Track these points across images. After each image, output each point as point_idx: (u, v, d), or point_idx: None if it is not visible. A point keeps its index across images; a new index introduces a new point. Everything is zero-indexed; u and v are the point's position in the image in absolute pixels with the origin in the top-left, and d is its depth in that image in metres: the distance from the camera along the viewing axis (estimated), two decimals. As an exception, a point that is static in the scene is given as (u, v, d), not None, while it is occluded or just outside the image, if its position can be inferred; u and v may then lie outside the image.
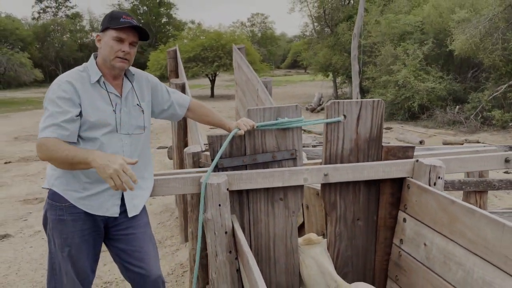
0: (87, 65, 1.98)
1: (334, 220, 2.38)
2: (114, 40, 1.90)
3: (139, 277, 2.07)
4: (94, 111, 1.89)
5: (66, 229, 1.92)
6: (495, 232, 1.69)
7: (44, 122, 1.81)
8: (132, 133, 2.01)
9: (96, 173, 1.81)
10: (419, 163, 2.27)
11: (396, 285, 2.35)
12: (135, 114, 2.03)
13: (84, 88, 1.89)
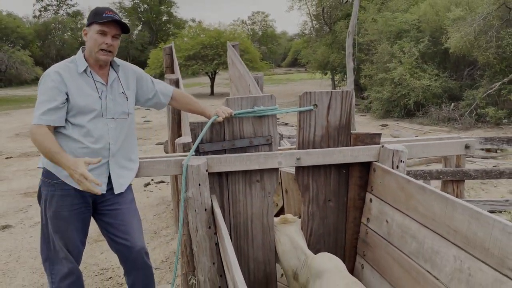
0: (75, 57, 2.20)
1: (307, 201, 2.59)
2: (98, 34, 2.12)
3: (125, 248, 2.29)
4: (81, 97, 2.11)
5: (57, 204, 2.13)
6: (441, 206, 1.90)
7: (35, 110, 2.06)
8: (117, 118, 2.22)
9: (85, 153, 2.05)
10: (384, 148, 2.47)
11: (363, 260, 2.56)
12: (120, 101, 2.24)
13: (72, 77, 2.11)
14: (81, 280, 2.28)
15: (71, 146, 2.11)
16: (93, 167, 2.15)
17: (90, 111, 2.13)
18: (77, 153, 2.11)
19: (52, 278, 2.21)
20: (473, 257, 1.69)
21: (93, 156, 2.12)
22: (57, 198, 2.14)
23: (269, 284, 2.60)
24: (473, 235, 1.69)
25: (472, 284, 1.68)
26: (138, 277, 2.38)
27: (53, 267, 2.20)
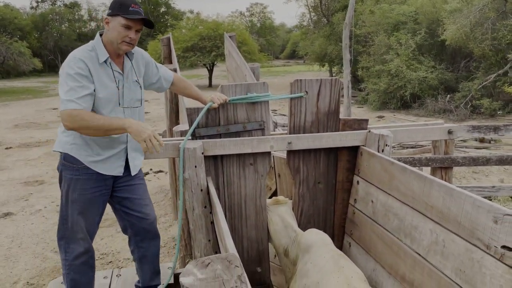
0: (94, 44, 2.21)
1: (298, 183, 2.73)
2: (123, 27, 2.14)
3: (139, 220, 2.44)
4: (101, 88, 2.16)
5: (81, 187, 2.23)
6: (419, 184, 2.04)
7: (67, 95, 2.03)
8: (131, 106, 2.33)
9: (107, 141, 2.19)
10: (370, 133, 2.61)
11: (351, 239, 2.71)
12: (134, 89, 2.34)
13: (94, 67, 2.15)
14: (93, 258, 2.41)
15: (92, 136, 2.19)
16: (113, 153, 2.28)
17: (109, 102, 2.20)
18: (98, 141, 2.21)
19: (67, 256, 2.32)
20: (447, 230, 1.83)
21: (113, 143, 2.25)
22: (82, 182, 2.23)
23: (262, 261, 2.75)
24: (447, 210, 1.84)
25: (446, 254, 1.83)
26: (149, 248, 2.52)
27: (68, 246, 2.30)
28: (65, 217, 2.29)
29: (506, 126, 4.25)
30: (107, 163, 2.29)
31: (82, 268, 2.32)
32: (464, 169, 8.04)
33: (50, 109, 19.24)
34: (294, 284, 2.13)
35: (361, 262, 2.53)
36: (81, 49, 2.19)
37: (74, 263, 2.31)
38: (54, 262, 5.02)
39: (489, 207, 1.62)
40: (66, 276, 2.34)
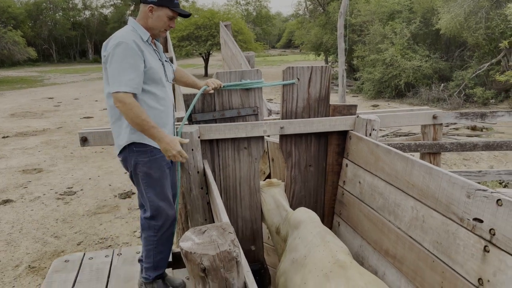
0: (133, 26, 2.33)
1: (290, 166, 2.87)
2: (167, 18, 2.30)
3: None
4: (153, 63, 2.28)
5: (158, 165, 2.33)
6: (402, 164, 2.18)
7: (118, 77, 2.13)
8: (170, 82, 2.48)
9: (160, 119, 2.32)
10: (358, 118, 2.74)
11: (340, 218, 2.86)
12: (169, 67, 2.48)
13: (143, 45, 2.27)
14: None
15: (150, 106, 2.28)
16: (168, 129, 2.41)
17: (160, 76, 2.32)
18: (154, 112, 2.31)
19: (156, 233, 2.40)
20: (426, 206, 1.98)
21: (165, 116, 2.37)
22: (159, 160, 2.33)
23: (256, 240, 2.90)
24: (426, 188, 1.98)
25: (425, 229, 1.97)
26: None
27: (158, 223, 2.39)
28: (151, 198, 2.35)
29: (493, 112, 4.39)
30: None
31: (169, 239, 2.45)
32: (455, 156, 8.22)
33: (46, 98, 19.24)
34: (284, 258, 2.28)
35: (349, 239, 2.68)
36: (126, 31, 2.28)
37: (163, 237, 2.42)
38: (54, 246, 5.16)
39: (463, 183, 1.76)
40: (152, 251, 2.44)
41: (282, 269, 2.24)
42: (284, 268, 2.21)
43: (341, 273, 1.79)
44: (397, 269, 2.17)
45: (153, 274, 2.46)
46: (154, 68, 2.27)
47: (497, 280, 1.56)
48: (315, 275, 1.86)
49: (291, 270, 2.11)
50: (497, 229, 1.58)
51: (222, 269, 1.24)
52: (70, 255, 2.91)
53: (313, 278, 1.85)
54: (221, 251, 1.24)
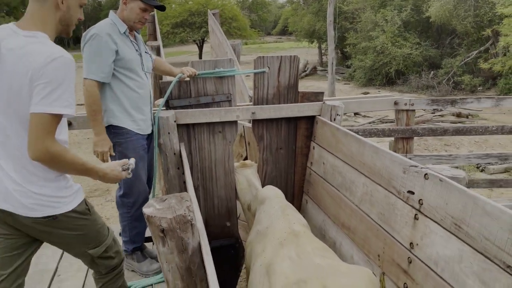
0: (112, 19, 2.53)
1: (262, 149, 3.10)
2: (140, 10, 2.51)
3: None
4: (127, 52, 2.50)
5: (134, 146, 2.57)
6: (356, 146, 2.42)
7: (88, 66, 2.38)
8: (149, 72, 2.70)
9: (136, 103, 2.56)
10: (324, 104, 2.97)
11: (307, 196, 3.10)
12: (147, 58, 2.69)
13: (118, 36, 2.48)
14: None
15: (121, 95, 2.49)
16: (145, 114, 2.64)
17: (135, 64, 2.53)
18: (126, 100, 2.52)
19: (129, 210, 2.68)
20: (374, 182, 2.22)
21: (142, 102, 2.59)
22: (134, 141, 2.57)
23: (230, 217, 3.14)
24: (373, 165, 2.22)
25: (372, 202, 2.22)
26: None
27: (130, 200, 2.66)
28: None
29: (463, 99, 4.62)
30: (142, 123, 2.64)
31: (141, 216, 2.63)
32: (436, 141, 8.48)
33: (40, 85, 19.28)
34: (251, 230, 2.52)
35: (314, 215, 2.93)
36: (102, 23, 2.51)
37: (136, 213, 2.67)
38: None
39: (401, 161, 2.01)
40: (127, 226, 2.70)
41: (249, 240, 2.48)
42: (250, 239, 2.46)
43: (294, 240, 2.03)
44: (351, 239, 2.42)
45: (130, 246, 2.72)
46: (129, 58, 2.49)
47: (423, 243, 1.81)
48: (272, 243, 2.10)
49: (255, 240, 2.35)
50: (424, 199, 1.82)
51: (178, 230, 1.48)
52: (59, 231, 3.15)
53: (271, 245, 2.09)
54: (177, 214, 1.47)
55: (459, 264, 1.58)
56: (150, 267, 2.74)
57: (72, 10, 1.77)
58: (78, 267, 2.73)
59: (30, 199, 1.67)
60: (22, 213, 1.69)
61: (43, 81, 1.55)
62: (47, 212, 1.70)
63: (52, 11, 1.70)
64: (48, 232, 1.76)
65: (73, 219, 1.77)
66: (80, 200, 1.80)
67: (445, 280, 1.65)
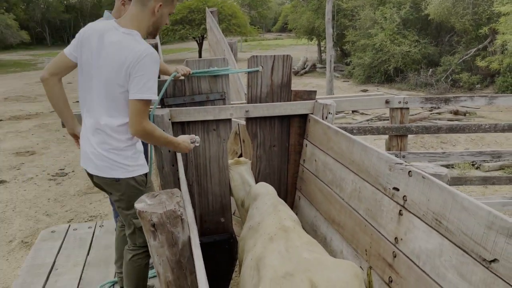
0: (107, 19, 2.51)
1: (255, 146, 3.16)
2: (168, 15, 2.25)
3: None
4: None
5: None
6: (346, 144, 2.48)
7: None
8: None
9: None
10: (317, 102, 3.03)
11: (300, 193, 3.17)
12: None
13: None
14: None
15: None
16: None
17: None
18: None
19: None
20: (362, 179, 2.28)
21: None
22: None
23: (225, 213, 3.20)
24: (362, 163, 2.28)
25: (361, 198, 2.28)
26: None
27: None
28: None
29: (456, 97, 4.67)
30: None
31: None
32: (433, 139, 8.55)
33: (39, 82, 19.27)
34: (244, 226, 2.59)
35: (306, 211, 2.99)
36: (96, 23, 2.36)
37: None
38: (46, 224, 5.46)
39: (387, 158, 2.06)
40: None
41: (242, 236, 2.55)
42: (243, 235, 2.52)
43: (283, 235, 2.09)
44: (340, 235, 2.48)
45: None
46: None
47: (407, 238, 1.87)
48: (263, 238, 2.16)
49: (247, 235, 2.41)
50: (408, 196, 1.88)
51: (168, 224, 1.54)
52: (57, 226, 3.22)
53: (261, 240, 2.15)
54: (168, 210, 1.53)
55: (440, 258, 1.65)
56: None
57: (163, 17, 2.16)
58: (75, 261, 2.80)
59: (100, 161, 2.13)
60: (95, 173, 2.17)
61: (139, 74, 1.98)
62: (112, 174, 2.13)
63: (148, 15, 2.09)
64: (110, 192, 2.23)
65: (131, 186, 2.17)
66: (142, 172, 2.21)
67: (426, 273, 1.71)
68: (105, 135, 2.13)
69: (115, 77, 2.02)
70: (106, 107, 2.10)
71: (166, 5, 2.14)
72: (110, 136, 2.13)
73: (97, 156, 2.14)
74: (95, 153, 2.15)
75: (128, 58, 1.97)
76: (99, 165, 2.16)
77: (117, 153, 2.14)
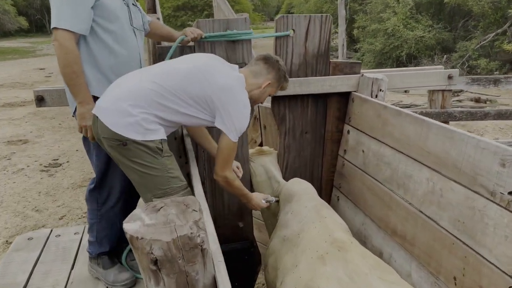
0: None
1: (283, 133, 2.51)
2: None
3: None
4: (110, 1, 1.87)
5: None
6: (415, 128, 1.83)
7: (58, 12, 1.74)
8: (139, 29, 2.06)
9: (114, 64, 1.95)
10: (363, 77, 2.37)
11: (339, 192, 2.52)
12: (136, 12, 2.06)
13: None
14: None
15: (99, 55, 1.88)
16: None
17: (120, 16, 1.91)
18: (105, 62, 1.90)
19: (99, 206, 2.15)
20: (445, 177, 1.63)
21: (124, 66, 1.94)
22: None
23: (244, 216, 2.57)
24: (446, 155, 1.63)
25: (443, 205, 1.64)
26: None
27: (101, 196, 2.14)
28: (99, 165, 2.04)
29: (507, 78, 4.01)
30: None
31: (117, 216, 2.13)
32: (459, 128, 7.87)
33: (37, 69, 18.71)
34: (274, 235, 1.95)
35: (350, 216, 2.35)
36: None
37: (107, 214, 2.12)
38: (35, 221, 4.86)
39: (496, 149, 1.41)
40: (95, 225, 2.15)
41: (271, 248, 1.92)
42: (274, 247, 1.89)
43: (339, 255, 1.46)
44: (407, 251, 1.85)
45: (96, 250, 2.15)
46: (111, 5, 1.86)
47: (539, 269, 1.23)
48: (308, 256, 1.53)
49: (281, 250, 1.78)
50: (542, 206, 1.24)
51: (181, 260, 0.90)
52: (35, 232, 2.59)
53: (306, 259, 1.52)
54: (179, 236, 0.89)
55: None
56: (118, 276, 2.15)
57: (264, 94, 2.00)
58: (55, 280, 2.16)
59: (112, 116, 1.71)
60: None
61: None
62: (119, 131, 1.68)
63: (257, 85, 1.95)
64: (118, 159, 1.77)
65: (141, 152, 1.72)
66: (155, 138, 1.74)
67: None
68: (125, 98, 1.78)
69: None
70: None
71: (272, 86, 2.00)
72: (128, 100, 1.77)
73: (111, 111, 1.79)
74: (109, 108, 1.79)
75: None
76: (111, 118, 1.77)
77: (129, 114, 1.77)
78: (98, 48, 1.87)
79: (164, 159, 1.76)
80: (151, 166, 1.73)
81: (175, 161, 1.82)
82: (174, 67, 1.81)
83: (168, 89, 1.73)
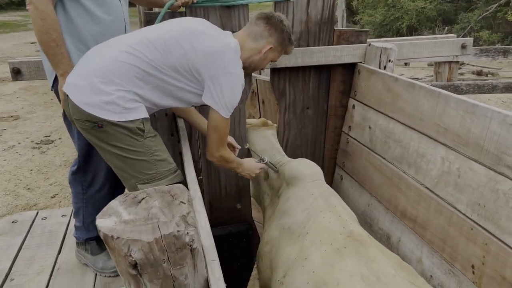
0: None
1: (283, 109, 2.33)
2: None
3: None
4: None
5: None
6: (430, 102, 1.66)
7: None
8: None
9: (106, 35, 1.75)
10: (371, 46, 2.18)
11: (343, 171, 2.37)
12: None
13: None
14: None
15: (79, 22, 1.69)
16: None
17: None
18: (87, 30, 1.71)
19: (84, 189, 1.99)
20: (464, 156, 1.47)
21: (107, 34, 1.74)
22: None
23: (242, 197, 2.42)
24: (466, 132, 1.47)
25: (461, 186, 1.48)
26: None
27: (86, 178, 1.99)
28: (82, 145, 1.87)
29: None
30: None
31: (105, 201, 1.95)
32: (461, 102, 7.70)
33: (28, 43, 18.21)
34: (271, 223, 1.79)
35: (354, 196, 2.21)
36: None
37: (94, 197, 1.97)
38: (26, 199, 4.73)
39: (526, 125, 1.25)
40: (81, 209, 2.00)
41: (268, 237, 1.76)
42: (270, 236, 1.74)
43: (359, 249, 1.30)
44: (417, 235, 1.71)
45: (83, 235, 2.01)
46: None
47: None
48: (321, 249, 1.38)
49: (281, 239, 1.63)
50: None
51: (166, 263, 0.75)
52: (20, 214, 2.44)
53: (319, 252, 1.37)
54: (164, 235, 0.73)
55: None
56: (107, 263, 2.01)
57: (265, 60, 1.77)
58: (40, 267, 2.02)
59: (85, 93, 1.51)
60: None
61: None
62: (93, 112, 1.48)
63: (256, 50, 1.72)
64: (94, 143, 1.59)
65: (120, 134, 1.52)
66: (135, 118, 1.53)
67: None
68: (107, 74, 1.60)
69: None
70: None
71: (274, 51, 1.76)
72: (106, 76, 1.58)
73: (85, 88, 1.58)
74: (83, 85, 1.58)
75: None
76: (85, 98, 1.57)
77: (104, 90, 1.58)
78: (77, 13, 1.67)
79: (147, 141, 1.57)
80: (133, 150, 1.55)
81: (161, 142, 1.64)
82: (155, 34, 1.58)
83: (146, 60, 1.52)
